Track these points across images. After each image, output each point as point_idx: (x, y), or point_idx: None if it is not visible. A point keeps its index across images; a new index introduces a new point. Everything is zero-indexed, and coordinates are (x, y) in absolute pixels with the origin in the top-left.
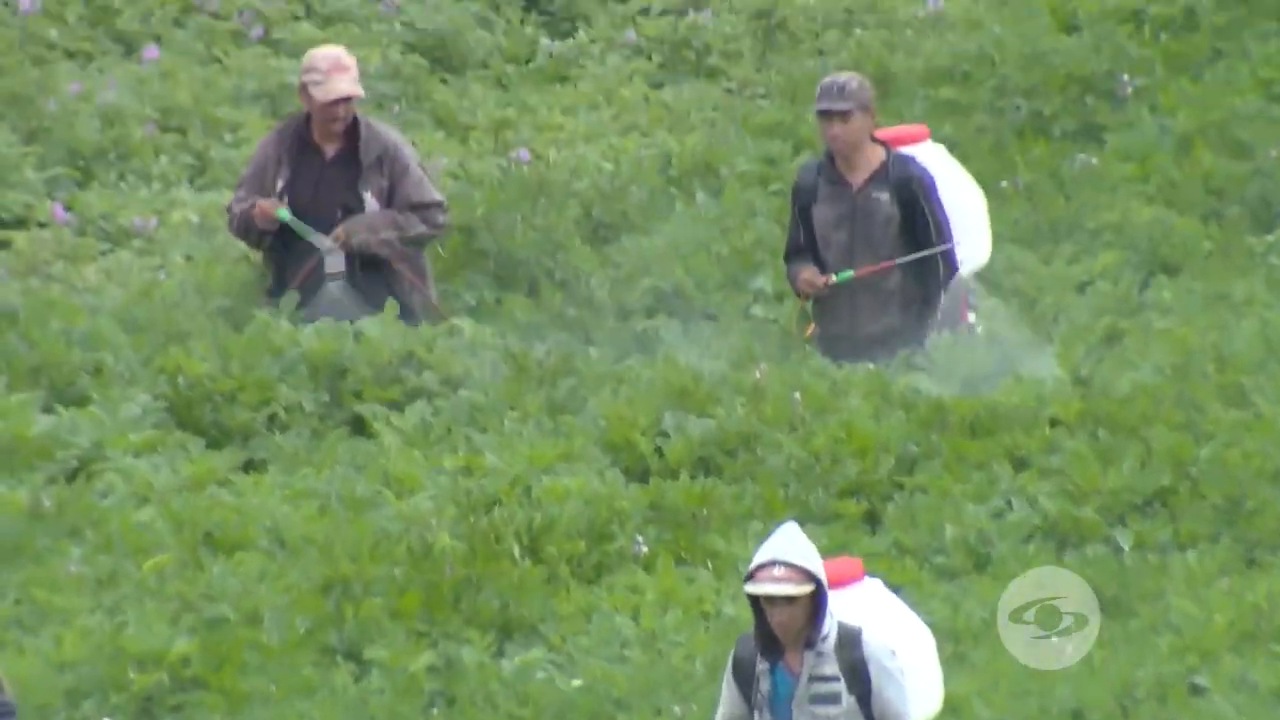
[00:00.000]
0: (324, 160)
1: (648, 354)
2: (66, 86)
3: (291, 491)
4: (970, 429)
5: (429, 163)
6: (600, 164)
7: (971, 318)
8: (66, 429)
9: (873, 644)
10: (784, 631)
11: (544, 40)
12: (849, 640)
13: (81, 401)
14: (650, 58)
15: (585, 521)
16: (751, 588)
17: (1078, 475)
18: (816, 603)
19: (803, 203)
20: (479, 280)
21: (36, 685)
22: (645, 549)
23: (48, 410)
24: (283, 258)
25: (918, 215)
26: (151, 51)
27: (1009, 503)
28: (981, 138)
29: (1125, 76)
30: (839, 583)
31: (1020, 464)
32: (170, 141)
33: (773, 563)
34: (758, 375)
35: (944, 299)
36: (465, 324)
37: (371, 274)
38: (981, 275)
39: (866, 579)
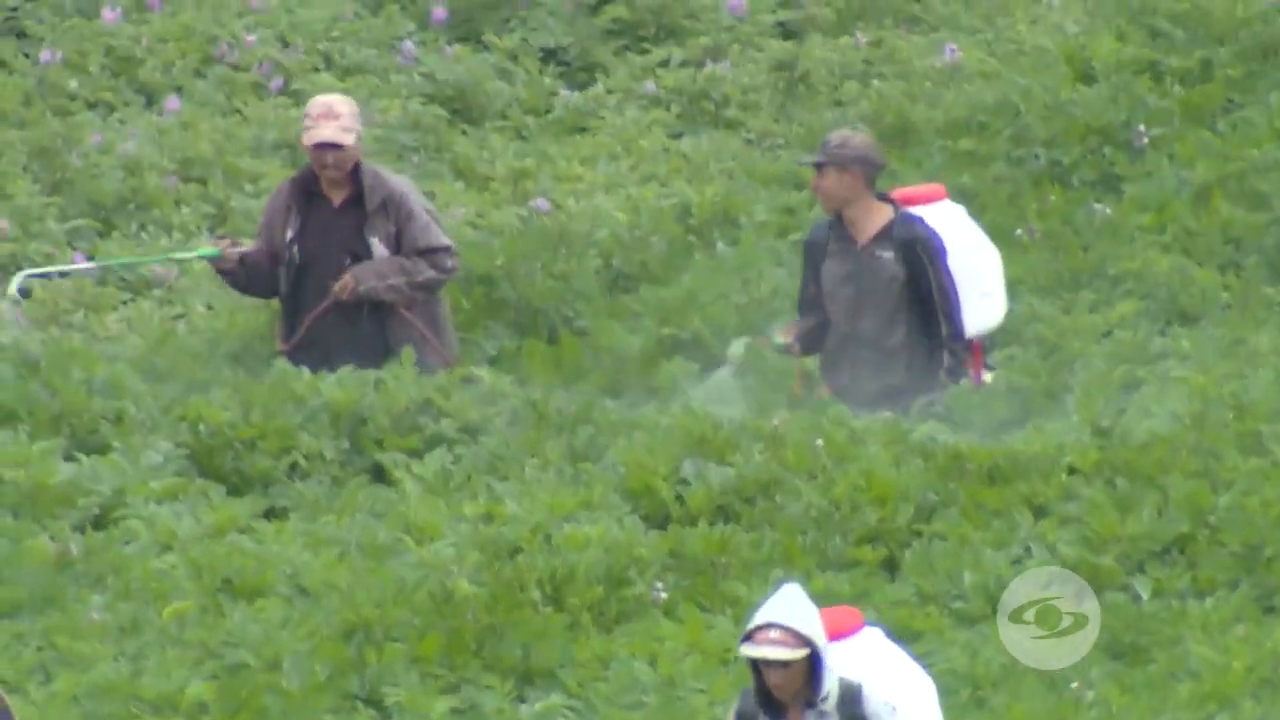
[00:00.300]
0: (331, 209)
1: (666, 402)
2: (88, 138)
3: (312, 539)
4: (989, 477)
5: (446, 211)
6: (619, 214)
7: (987, 377)
8: (88, 477)
9: (874, 700)
10: (780, 692)
11: (563, 91)
12: (850, 697)
13: (103, 449)
14: (669, 108)
15: (605, 569)
16: (747, 650)
17: (1096, 523)
18: (814, 664)
19: (814, 258)
20: (499, 329)
21: None
22: (665, 596)
23: (69, 458)
24: (295, 302)
25: (921, 275)
26: (173, 102)
27: (1028, 550)
28: (999, 187)
29: (1142, 127)
30: (838, 634)
31: (1039, 511)
32: (191, 192)
33: (769, 625)
34: (776, 423)
35: (947, 358)
36: (484, 372)
37: (376, 322)
38: (1002, 324)
39: (866, 628)
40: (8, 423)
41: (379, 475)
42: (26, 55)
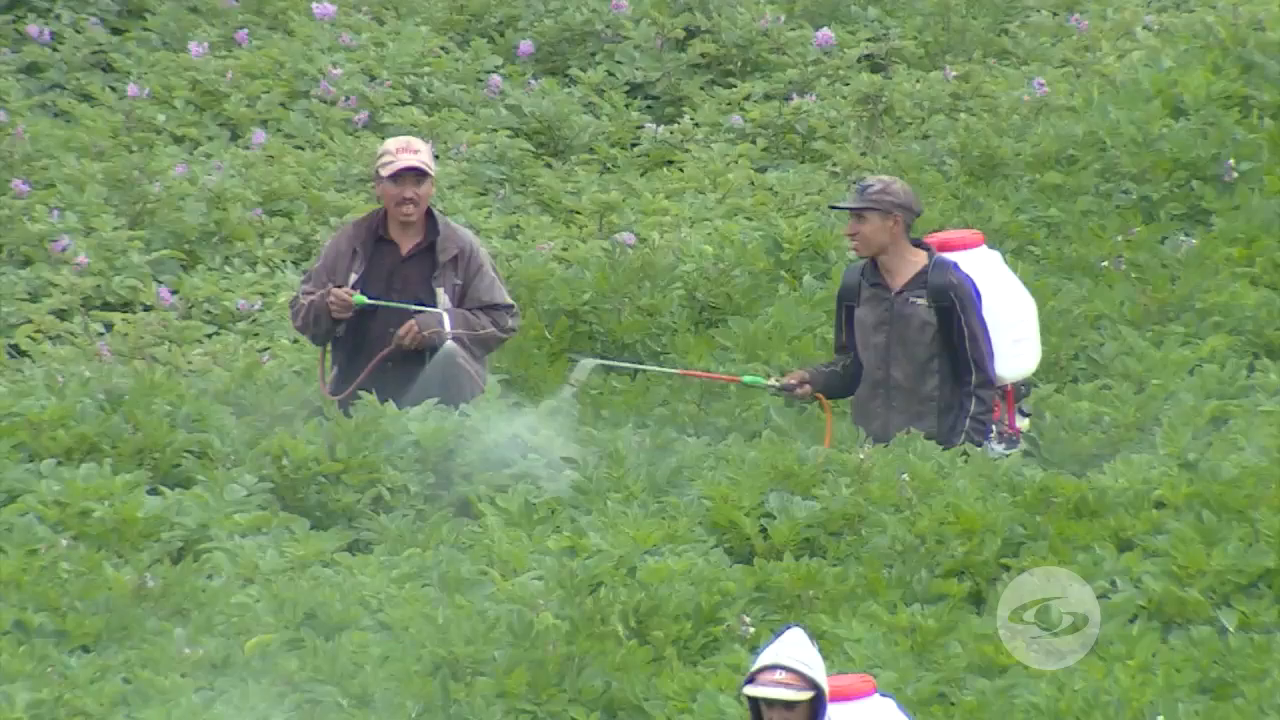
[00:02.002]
0: (399, 255)
1: (752, 435)
2: (171, 170)
3: (397, 572)
4: (1076, 510)
5: (531, 245)
6: (706, 247)
7: (1023, 424)
8: (172, 510)
9: None
10: None
11: (648, 125)
12: None
13: (187, 483)
14: (755, 142)
15: (691, 602)
16: (751, 690)
17: (1183, 556)
18: (815, 710)
19: (847, 304)
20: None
21: None
22: (751, 630)
23: (153, 492)
24: (354, 347)
25: (953, 322)
26: (258, 136)
27: (1113, 583)
28: (1087, 221)
29: (1231, 161)
30: (849, 696)
31: (1125, 545)
32: (276, 225)
33: (775, 667)
34: (862, 456)
35: (974, 405)
36: (568, 405)
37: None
38: (1091, 358)
39: (878, 696)
40: (92, 456)
41: (463, 509)
42: (113, 89)
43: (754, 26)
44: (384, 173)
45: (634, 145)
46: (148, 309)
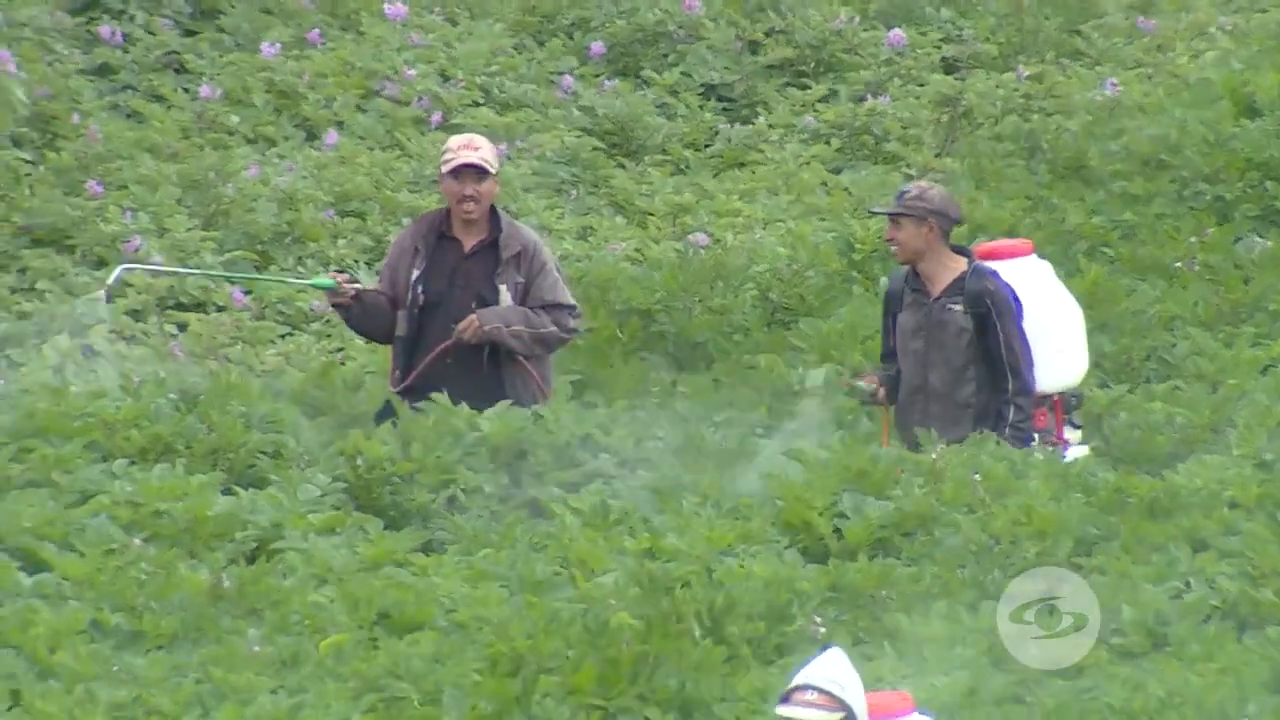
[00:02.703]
0: (462, 252)
1: (824, 436)
2: (244, 171)
3: (470, 572)
4: (1150, 511)
5: (604, 246)
6: (779, 248)
7: (1072, 436)
8: (245, 510)
9: None
10: None
11: (722, 126)
12: None
13: (260, 483)
14: (829, 143)
15: (765, 602)
16: (782, 709)
17: (1257, 557)
18: None
19: (891, 309)
20: (657, 362)
21: None
22: (824, 630)
23: (227, 491)
24: (415, 342)
25: (989, 329)
26: (331, 136)
27: (1187, 584)
28: (1160, 222)
29: None
30: (888, 714)
31: (1199, 546)
32: (348, 225)
33: (807, 687)
34: (935, 456)
35: (1012, 413)
36: (642, 407)
37: (494, 367)
38: (1163, 359)
39: (916, 714)
40: (166, 456)
41: (537, 509)
42: (186, 90)
43: (827, 27)
44: (445, 169)
45: (707, 146)
46: (220, 310)
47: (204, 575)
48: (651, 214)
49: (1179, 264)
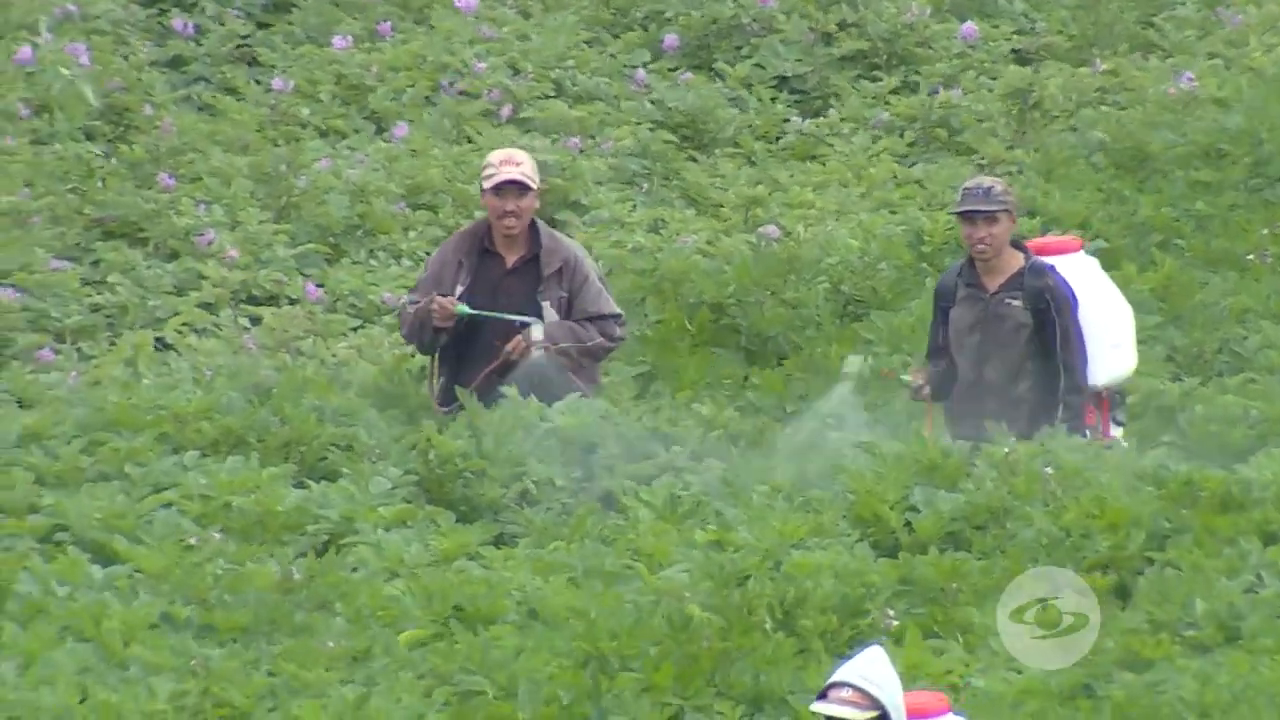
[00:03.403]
0: (504, 268)
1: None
2: (315, 163)
3: (542, 565)
4: (1222, 504)
5: (675, 238)
6: (850, 241)
7: (1117, 433)
8: (317, 503)
9: None
10: None
11: (794, 118)
12: None
13: (332, 476)
14: (901, 135)
15: (836, 595)
16: (817, 706)
17: None
18: None
19: (944, 305)
20: (728, 356)
21: None
22: (895, 623)
23: (299, 485)
24: (460, 358)
25: (1048, 324)
26: (401, 129)
27: (1259, 577)
28: (1233, 214)
29: None
30: (924, 714)
31: (1270, 539)
32: (419, 218)
33: (843, 684)
34: (1007, 449)
35: (1063, 411)
36: (709, 401)
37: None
38: (1235, 352)
39: (951, 715)
40: (238, 449)
41: (609, 502)
42: (258, 83)
43: (899, 20)
44: (486, 185)
45: (779, 139)
46: (293, 302)
47: (275, 568)
48: (723, 206)
49: (1251, 256)
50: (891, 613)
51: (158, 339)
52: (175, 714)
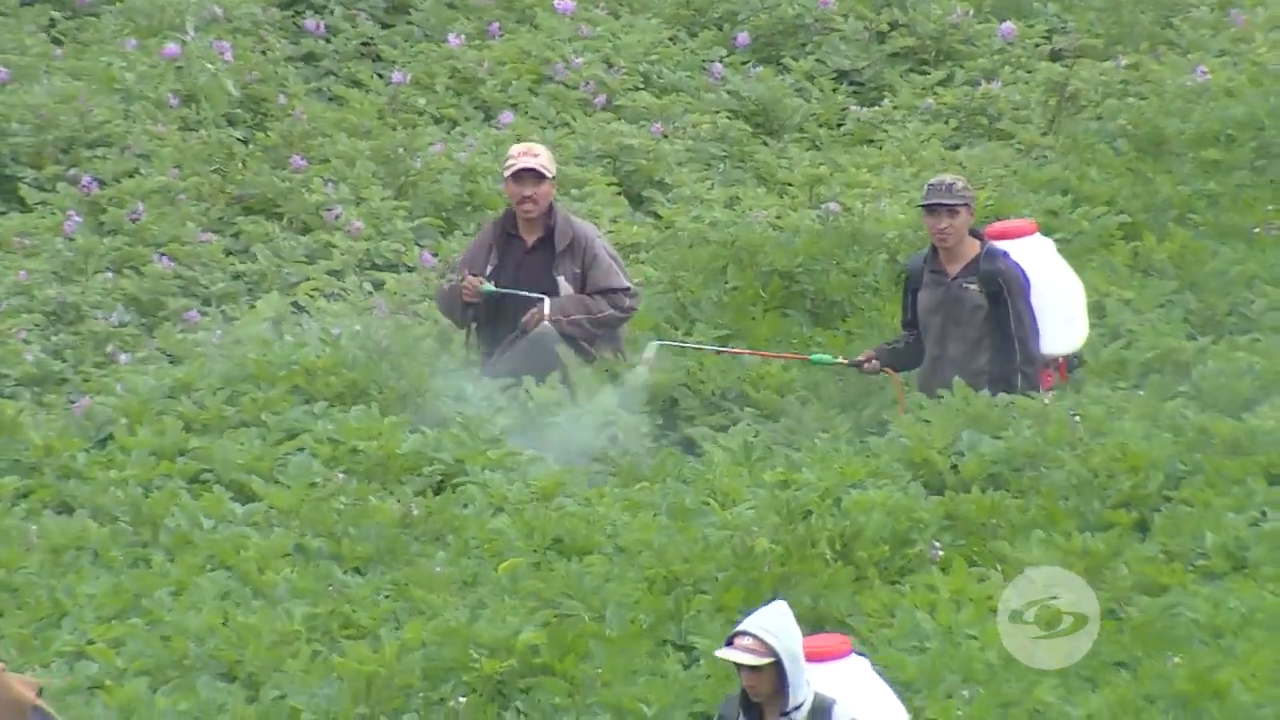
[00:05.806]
0: (525, 248)
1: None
2: (430, 147)
3: (629, 503)
4: (1231, 449)
5: (748, 214)
6: (901, 216)
7: (1048, 397)
8: (431, 447)
9: (843, 716)
10: (753, 694)
11: (853, 107)
12: (821, 710)
13: (444, 423)
14: (947, 122)
15: (889, 529)
16: (721, 652)
17: None
18: (783, 675)
19: (912, 286)
20: (797, 317)
21: (400, 669)
22: (941, 553)
23: (415, 431)
24: (493, 330)
25: (1002, 306)
26: (506, 117)
27: (1264, 513)
28: (1241, 193)
29: None
30: (824, 656)
31: (1275, 480)
32: None
33: (744, 633)
34: (1044, 401)
35: (1020, 381)
36: (780, 361)
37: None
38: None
39: (853, 655)
40: (362, 399)
41: (689, 448)
42: (380, 76)
43: (946, 20)
44: (507, 173)
45: (839, 125)
46: (410, 270)
47: (394, 505)
48: (790, 185)
49: (1258, 229)
50: (938, 544)
51: (292, 302)
52: (308, 634)
